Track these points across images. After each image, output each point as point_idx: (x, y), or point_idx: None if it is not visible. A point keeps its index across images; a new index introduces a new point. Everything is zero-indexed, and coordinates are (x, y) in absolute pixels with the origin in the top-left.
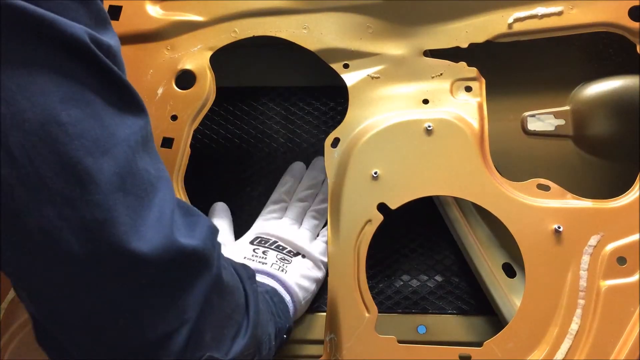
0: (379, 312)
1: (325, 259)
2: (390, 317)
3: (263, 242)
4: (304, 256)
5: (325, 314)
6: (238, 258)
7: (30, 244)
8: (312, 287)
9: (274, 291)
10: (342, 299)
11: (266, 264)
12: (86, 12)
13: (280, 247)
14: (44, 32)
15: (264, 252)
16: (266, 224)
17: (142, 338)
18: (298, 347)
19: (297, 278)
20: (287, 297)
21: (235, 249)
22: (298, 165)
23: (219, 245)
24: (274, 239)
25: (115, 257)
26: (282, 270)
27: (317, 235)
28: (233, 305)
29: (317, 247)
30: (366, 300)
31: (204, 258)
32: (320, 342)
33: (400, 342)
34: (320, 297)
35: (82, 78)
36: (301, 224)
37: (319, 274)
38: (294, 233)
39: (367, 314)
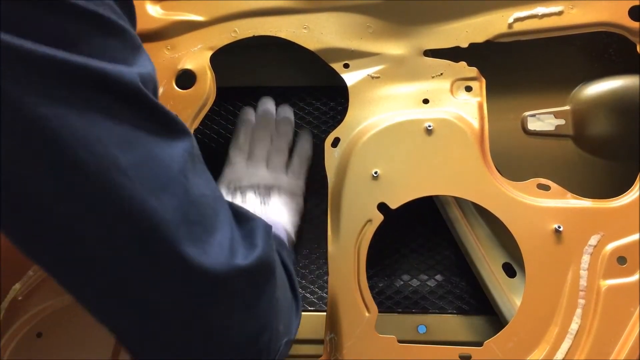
0: (379, 312)
1: (299, 185)
2: (390, 317)
3: (238, 187)
4: (279, 189)
5: (325, 313)
6: None
7: (109, 290)
8: (296, 216)
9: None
10: (342, 298)
11: (248, 206)
12: (124, 45)
13: (255, 187)
14: (98, 85)
15: (242, 196)
16: (234, 169)
17: (228, 342)
18: (298, 347)
19: (279, 210)
20: (278, 233)
21: None
22: (247, 110)
23: (275, 241)
24: (246, 182)
25: (189, 279)
26: (265, 207)
27: (287, 170)
28: (287, 289)
29: (288, 179)
30: (366, 300)
31: (267, 266)
32: (320, 341)
33: (400, 341)
34: (320, 296)
35: (133, 120)
36: (267, 163)
37: (299, 200)
38: (264, 172)
39: (367, 314)
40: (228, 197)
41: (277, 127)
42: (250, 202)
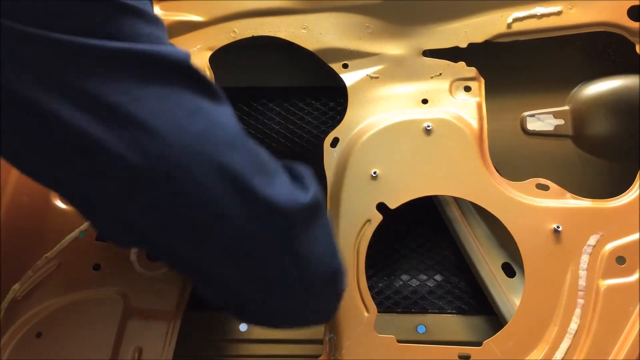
0: (379, 312)
1: None
2: (389, 317)
3: None
4: None
5: None
6: None
7: (201, 233)
8: None
9: None
10: None
11: None
12: (164, 33)
13: None
14: (160, 65)
15: None
16: None
17: (313, 267)
18: (298, 347)
19: None
20: None
21: None
22: None
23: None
24: None
25: (277, 217)
26: None
27: None
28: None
29: None
30: (365, 300)
31: (321, 202)
32: (319, 341)
33: (399, 341)
34: None
35: (193, 91)
36: None
37: None
38: None
39: (366, 314)
40: None
41: None
42: None
